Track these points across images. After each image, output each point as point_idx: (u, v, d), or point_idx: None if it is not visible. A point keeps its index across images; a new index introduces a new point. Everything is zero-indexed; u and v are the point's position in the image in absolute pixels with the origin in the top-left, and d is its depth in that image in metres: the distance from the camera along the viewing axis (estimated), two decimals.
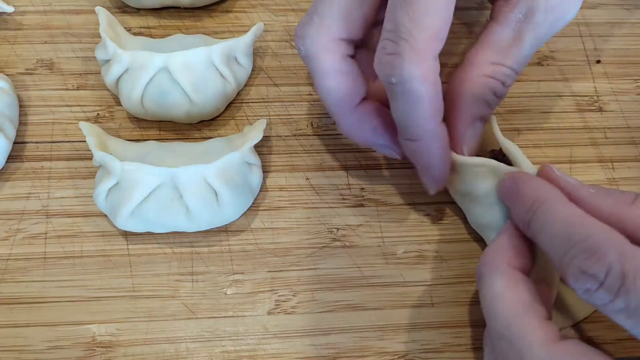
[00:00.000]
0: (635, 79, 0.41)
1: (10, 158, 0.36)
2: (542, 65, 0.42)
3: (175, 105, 0.36)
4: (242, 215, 0.35)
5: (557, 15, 0.31)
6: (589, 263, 0.23)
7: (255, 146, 0.35)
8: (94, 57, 0.38)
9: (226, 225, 0.35)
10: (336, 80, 0.31)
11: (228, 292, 0.33)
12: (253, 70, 0.39)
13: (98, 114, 0.38)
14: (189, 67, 0.35)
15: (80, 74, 0.39)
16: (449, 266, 0.34)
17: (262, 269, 0.34)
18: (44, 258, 0.34)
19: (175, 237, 0.34)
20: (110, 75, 0.36)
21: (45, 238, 0.34)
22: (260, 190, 0.36)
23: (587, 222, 0.25)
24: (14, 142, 0.36)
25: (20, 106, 0.38)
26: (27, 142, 0.37)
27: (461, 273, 0.34)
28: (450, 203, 0.36)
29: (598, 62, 0.42)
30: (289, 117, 0.39)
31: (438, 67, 0.28)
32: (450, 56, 0.41)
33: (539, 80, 0.41)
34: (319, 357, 0.32)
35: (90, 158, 0.36)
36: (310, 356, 0.32)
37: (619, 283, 0.23)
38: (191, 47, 0.36)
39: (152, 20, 0.42)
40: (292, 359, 0.32)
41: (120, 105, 0.38)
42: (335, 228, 0.35)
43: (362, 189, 0.36)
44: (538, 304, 0.26)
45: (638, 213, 0.26)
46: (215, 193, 0.33)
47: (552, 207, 0.26)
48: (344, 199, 0.36)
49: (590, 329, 0.33)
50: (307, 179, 0.37)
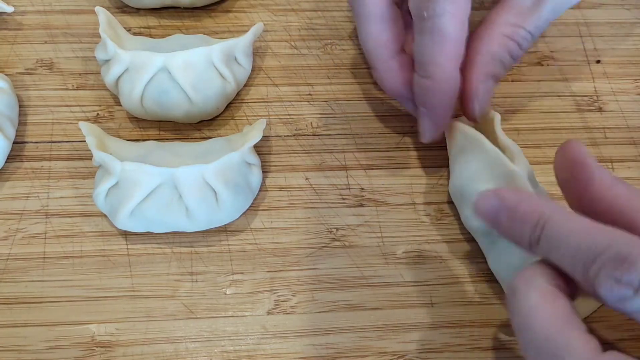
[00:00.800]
0: (635, 79, 0.41)
1: (10, 158, 0.36)
2: (542, 65, 0.42)
3: (175, 105, 0.36)
4: (241, 215, 0.35)
5: None
6: (621, 271, 0.22)
7: (255, 146, 0.35)
8: (94, 57, 0.38)
9: (226, 225, 0.35)
10: (381, 25, 0.33)
11: (227, 292, 0.33)
12: (253, 70, 0.39)
13: (98, 114, 0.38)
14: (189, 67, 0.35)
15: (80, 74, 0.39)
16: (449, 266, 0.34)
17: (261, 269, 0.34)
18: (44, 258, 0.34)
19: (175, 237, 0.34)
20: (110, 75, 0.36)
21: (45, 238, 0.34)
22: (259, 190, 0.36)
23: (602, 230, 0.24)
24: (14, 142, 0.36)
25: (20, 106, 0.38)
26: (26, 142, 0.37)
27: (461, 273, 0.34)
28: (450, 203, 0.36)
29: (598, 62, 0.42)
30: (288, 117, 0.39)
31: (469, 10, 0.30)
32: None
33: (539, 80, 0.41)
34: (318, 357, 0.32)
35: (90, 158, 0.36)
36: (310, 356, 0.32)
37: None
38: (191, 47, 0.36)
39: (152, 20, 0.42)
40: (292, 359, 0.32)
41: (120, 105, 0.38)
42: (334, 228, 0.35)
43: (362, 189, 0.36)
44: (577, 316, 0.25)
45: None
46: (215, 193, 0.33)
47: (560, 219, 0.25)
48: (343, 199, 0.36)
49: (590, 328, 0.33)
50: (306, 178, 0.37)
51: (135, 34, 0.41)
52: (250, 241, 0.35)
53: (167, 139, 0.37)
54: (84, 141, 0.33)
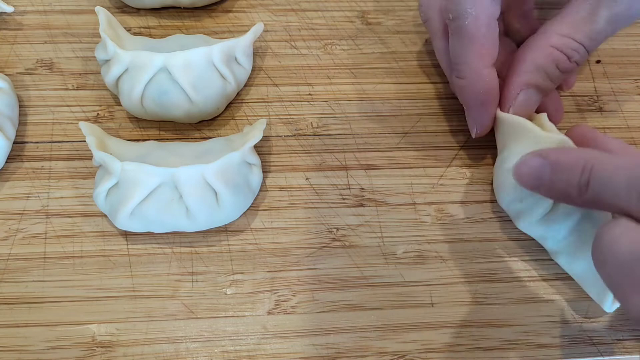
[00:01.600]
0: (635, 79, 0.41)
1: (10, 158, 0.36)
2: None
3: (175, 105, 0.36)
4: (241, 215, 0.35)
5: None
6: None
7: (255, 146, 0.35)
8: (94, 57, 0.38)
9: (226, 225, 0.35)
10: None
11: (228, 292, 0.33)
12: (253, 70, 0.39)
13: (98, 114, 0.38)
14: (189, 67, 0.35)
15: (80, 74, 0.39)
16: (449, 266, 0.34)
17: (261, 269, 0.34)
18: (44, 258, 0.34)
19: (175, 237, 0.34)
20: (110, 75, 0.36)
21: (45, 238, 0.34)
22: (260, 190, 0.36)
23: None
24: (14, 142, 0.36)
25: (20, 106, 0.38)
26: (27, 142, 0.37)
27: (461, 273, 0.34)
28: (450, 203, 0.36)
29: (598, 62, 0.42)
30: (288, 117, 0.39)
31: (496, 12, 0.31)
32: None
33: None
34: (318, 357, 0.32)
35: (90, 158, 0.36)
36: (310, 356, 0.32)
37: None
38: (191, 47, 0.36)
39: (152, 20, 0.42)
40: (292, 359, 0.32)
41: (120, 105, 0.38)
42: (335, 228, 0.35)
43: (362, 189, 0.36)
44: None
45: None
46: (215, 193, 0.33)
47: (605, 160, 0.26)
48: (343, 199, 0.36)
49: (590, 329, 0.33)
50: (307, 179, 0.37)
51: (135, 34, 0.41)
52: (251, 241, 0.35)
53: (167, 139, 0.37)
54: (84, 141, 0.33)
